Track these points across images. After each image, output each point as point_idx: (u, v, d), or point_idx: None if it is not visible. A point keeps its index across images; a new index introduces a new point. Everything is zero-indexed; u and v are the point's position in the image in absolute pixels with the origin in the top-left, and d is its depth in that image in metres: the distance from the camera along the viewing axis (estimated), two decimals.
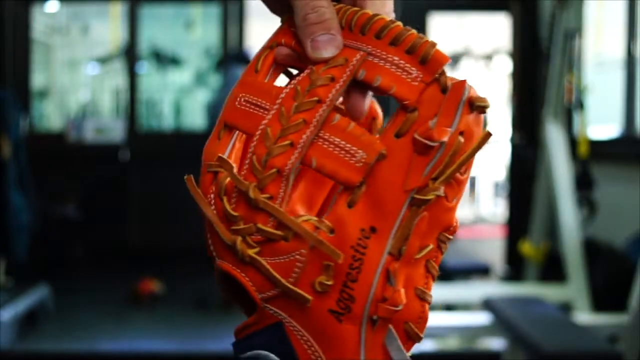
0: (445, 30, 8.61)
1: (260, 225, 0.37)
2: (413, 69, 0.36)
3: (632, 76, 4.11)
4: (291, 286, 0.37)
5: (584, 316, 3.04)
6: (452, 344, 3.50)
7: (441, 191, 0.36)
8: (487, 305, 2.97)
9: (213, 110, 4.92)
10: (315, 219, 0.37)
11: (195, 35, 6.35)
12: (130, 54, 5.97)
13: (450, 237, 0.38)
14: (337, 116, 0.38)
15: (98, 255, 5.66)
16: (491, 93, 9.47)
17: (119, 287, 4.80)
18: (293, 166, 0.37)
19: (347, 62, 0.38)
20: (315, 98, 0.37)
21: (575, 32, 3.51)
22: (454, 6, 6.12)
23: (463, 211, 8.88)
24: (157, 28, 6.26)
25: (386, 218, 0.36)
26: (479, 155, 0.38)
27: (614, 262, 3.45)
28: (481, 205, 9.23)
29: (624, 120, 4.16)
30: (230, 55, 5.43)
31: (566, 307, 3.21)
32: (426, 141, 0.35)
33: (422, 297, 0.37)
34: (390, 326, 0.37)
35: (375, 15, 0.38)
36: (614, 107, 4.27)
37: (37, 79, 6.27)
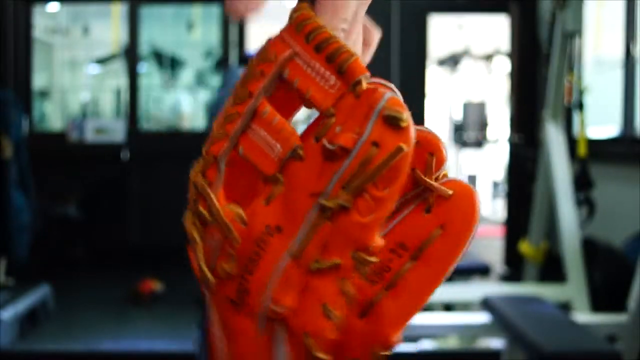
0: (445, 31, 8.62)
1: (200, 208, 0.39)
2: (332, 77, 0.36)
3: (631, 76, 4.12)
4: (202, 265, 0.38)
5: (583, 316, 3.04)
6: (451, 343, 3.51)
7: (347, 202, 0.35)
8: (487, 304, 2.98)
9: (212, 110, 4.93)
10: (241, 210, 0.38)
11: (196, 35, 6.35)
12: (130, 54, 5.98)
13: (369, 259, 0.36)
14: (267, 109, 0.38)
15: (98, 255, 5.67)
16: (491, 93, 9.49)
17: (119, 286, 4.81)
18: (223, 153, 0.39)
19: (276, 58, 0.39)
20: (248, 92, 0.39)
21: (574, 32, 3.51)
22: (453, 7, 6.12)
23: None
24: (158, 28, 6.27)
25: (291, 220, 0.36)
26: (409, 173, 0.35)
27: (613, 262, 3.46)
28: (480, 204, 9.23)
29: (623, 120, 4.18)
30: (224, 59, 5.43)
31: (565, 307, 3.21)
32: (327, 145, 0.35)
33: (329, 316, 0.36)
34: (279, 329, 0.36)
35: (309, 17, 0.38)
36: (613, 107, 4.28)
37: (38, 79, 6.28)
